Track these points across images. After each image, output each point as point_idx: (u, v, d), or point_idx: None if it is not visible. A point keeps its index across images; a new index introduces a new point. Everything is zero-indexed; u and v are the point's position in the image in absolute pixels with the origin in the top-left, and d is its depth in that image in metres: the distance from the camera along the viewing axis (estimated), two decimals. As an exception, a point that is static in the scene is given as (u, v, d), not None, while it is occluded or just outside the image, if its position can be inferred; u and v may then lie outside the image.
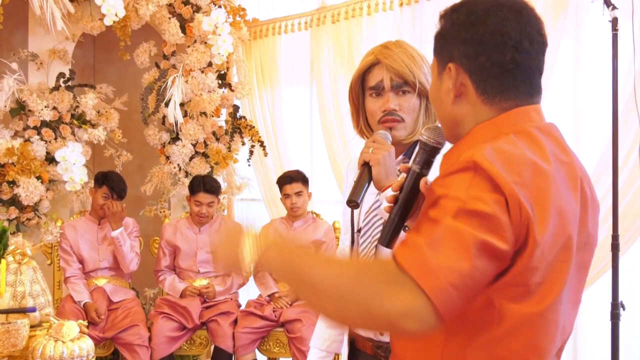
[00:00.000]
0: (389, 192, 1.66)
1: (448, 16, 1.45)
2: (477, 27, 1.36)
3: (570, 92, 4.05)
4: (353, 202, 1.91)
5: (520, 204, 1.20)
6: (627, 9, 3.59)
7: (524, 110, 1.38)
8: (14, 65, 4.94)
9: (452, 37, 1.42)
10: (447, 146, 1.54)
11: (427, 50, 5.03)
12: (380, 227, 2.11)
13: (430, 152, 1.56)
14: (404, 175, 1.56)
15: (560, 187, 1.30)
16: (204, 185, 4.88)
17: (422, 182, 1.47)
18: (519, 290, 1.26)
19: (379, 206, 2.11)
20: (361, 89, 2.16)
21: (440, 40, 1.46)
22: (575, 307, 1.42)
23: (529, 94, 1.39)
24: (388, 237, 1.54)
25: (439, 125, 1.56)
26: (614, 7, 3.36)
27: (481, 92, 1.38)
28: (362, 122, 2.19)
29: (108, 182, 4.82)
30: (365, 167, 1.96)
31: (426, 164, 1.55)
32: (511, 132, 1.32)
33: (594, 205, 1.43)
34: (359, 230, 2.17)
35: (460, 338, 1.31)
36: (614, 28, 3.38)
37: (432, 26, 1.49)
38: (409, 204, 1.53)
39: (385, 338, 2.11)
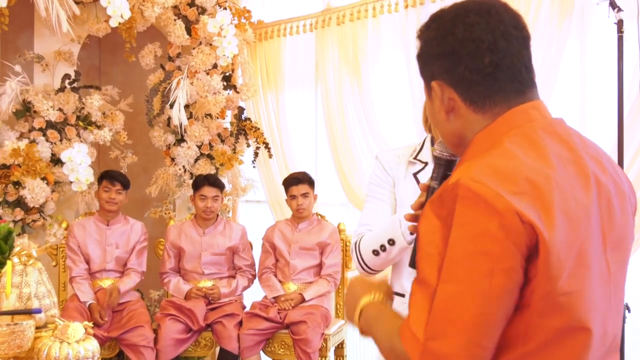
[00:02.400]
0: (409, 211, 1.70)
1: (422, 35, 1.41)
2: (447, 39, 1.34)
3: (576, 95, 4.05)
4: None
5: (519, 213, 1.16)
6: (632, 11, 3.58)
7: (519, 110, 1.34)
8: (18, 68, 4.95)
9: (428, 55, 1.39)
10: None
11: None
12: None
13: (446, 166, 1.57)
14: (423, 193, 1.58)
15: (567, 190, 1.25)
16: (207, 179, 4.91)
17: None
18: (545, 303, 1.21)
19: None
20: None
21: (420, 60, 1.43)
22: (619, 308, 1.39)
23: (520, 92, 1.35)
24: (413, 258, 1.49)
25: None
26: (620, 9, 3.36)
27: (469, 102, 1.35)
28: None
29: (106, 174, 4.86)
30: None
31: (444, 179, 1.55)
32: (505, 139, 1.28)
33: (621, 194, 1.38)
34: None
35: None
36: (620, 30, 3.37)
37: None
38: None
39: None
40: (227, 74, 5.43)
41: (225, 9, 5.32)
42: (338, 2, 5.19)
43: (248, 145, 5.59)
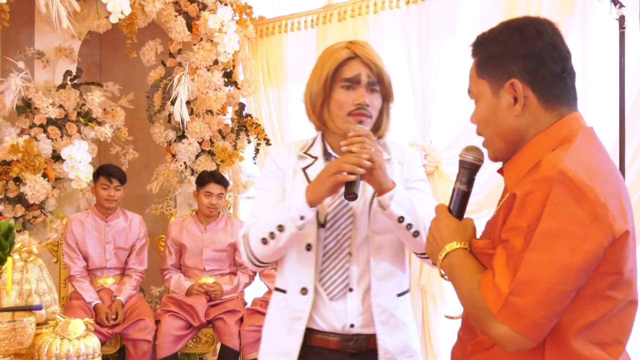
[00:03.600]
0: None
1: (493, 39, 1.59)
2: (534, 43, 1.53)
3: (578, 91, 4.03)
4: (353, 194, 1.97)
5: (606, 206, 1.37)
6: (634, 7, 3.57)
7: (574, 116, 1.56)
8: (21, 64, 4.94)
9: (508, 55, 1.55)
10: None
11: (433, 48, 4.99)
12: (349, 223, 2.16)
13: (473, 170, 1.71)
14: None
15: (623, 184, 1.51)
16: (213, 176, 4.91)
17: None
18: (614, 278, 1.43)
19: (347, 203, 2.16)
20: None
21: (492, 61, 1.58)
22: None
23: (575, 98, 1.59)
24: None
25: (474, 145, 1.72)
26: (621, 5, 3.35)
27: (543, 100, 1.54)
28: (326, 114, 2.21)
29: (103, 171, 4.83)
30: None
31: (470, 182, 1.72)
32: (575, 138, 1.48)
33: None
34: (322, 225, 2.17)
35: (560, 328, 1.44)
36: (621, 26, 3.36)
37: (439, 24, 1.54)
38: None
39: (355, 330, 2.15)
40: (228, 70, 5.42)
41: (226, 5, 5.31)
42: (339, -2, 5.18)
43: (249, 142, 5.58)
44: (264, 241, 2.09)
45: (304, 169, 2.23)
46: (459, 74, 4.42)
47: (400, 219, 2.03)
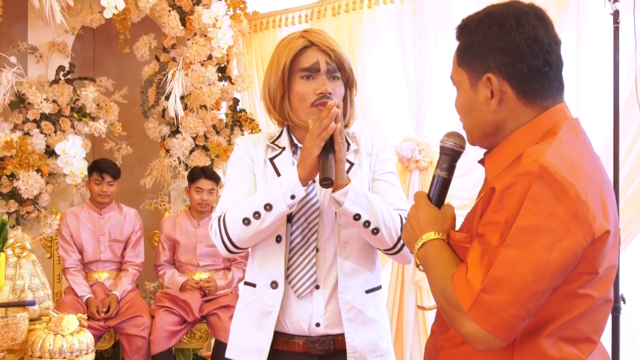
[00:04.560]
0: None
1: (474, 28, 1.53)
2: (512, 36, 1.46)
3: (572, 86, 4.04)
4: (328, 180, 1.88)
5: (586, 204, 1.33)
6: (628, 1, 3.57)
7: (559, 107, 1.50)
8: (13, 59, 4.93)
9: (486, 47, 1.49)
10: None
11: (428, 44, 4.98)
12: (315, 217, 2.09)
13: (453, 157, 1.67)
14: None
15: (606, 180, 1.47)
16: (204, 172, 4.90)
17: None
18: (589, 277, 1.39)
19: (314, 196, 2.09)
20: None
21: (470, 51, 1.53)
22: None
23: (559, 90, 1.52)
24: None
25: (455, 131, 1.69)
26: (616, 0, 3.35)
27: (522, 95, 1.48)
28: (287, 107, 2.13)
29: (96, 166, 4.82)
30: (331, 148, 1.93)
31: (451, 169, 1.67)
32: (559, 131, 1.44)
33: None
34: (289, 219, 2.09)
35: (532, 327, 1.41)
36: (616, 21, 3.36)
37: (433, 19, 1.52)
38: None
39: (321, 330, 2.08)
40: (222, 65, 5.41)
41: (220, 0, 5.30)
42: (333, -7, 5.17)
43: (243, 137, 5.57)
44: (246, 221, 1.98)
45: (271, 160, 2.16)
46: (453, 69, 4.42)
47: (356, 217, 1.96)
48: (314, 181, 2.07)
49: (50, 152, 4.98)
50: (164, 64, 5.28)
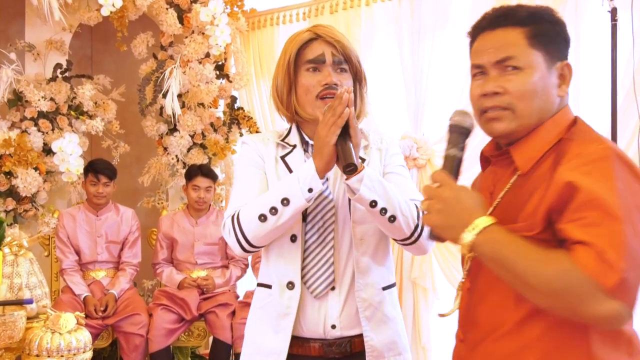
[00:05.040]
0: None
1: (550, 16, 1.60)
2: (566, 32, 1.60)
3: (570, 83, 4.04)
4: (352, 166, 1.85)
5: None
6: (626, -1, 3.57)
7: (568, 105, 1.64)
8: (12, 55, 4.92)
9: (562, 38, 1.60)
10: None
11: (426, 41, 4.98)
12: (331, 215, 2.04)
13: (467, 135, 1.62)
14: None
15: None
16: (201, 169, 4.89)
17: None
18: None
19: (329, 193, 2.05)
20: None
21: (549, 37, 1.58)
22: None
23: None
24: None
25: (463, 109, 1.65)
26: (613, -2, 3.35)
27: (567, 85, 1.60)
28: (294, 101, 2.11)
29: (91, 167, 4.81)
30: (346, 134, 1.90)
31: (463, 148, 1.62)
32: (579, 124, 1.58)
33: None
34: (304, 218, 2.04)
35: None
36: (613, 18, 3.37)
37: (431, 17, 1.52)
38: None
39: (337, 332, 2.02)
40: (220, 63, 5.40)
41: (217, -3, 5.30)
42: (331, -9, 5.17)
43: (241, 135, 5.57)
44: (262, 218, 1.90)
45: (282, 158, 2.12)
46: (451, 67, 4.42)
47: (373, 204, 1.89)
48: (327, 178, 2.03)
49: (47, 150, 4.97)
50: (161, 62, 5.28)
